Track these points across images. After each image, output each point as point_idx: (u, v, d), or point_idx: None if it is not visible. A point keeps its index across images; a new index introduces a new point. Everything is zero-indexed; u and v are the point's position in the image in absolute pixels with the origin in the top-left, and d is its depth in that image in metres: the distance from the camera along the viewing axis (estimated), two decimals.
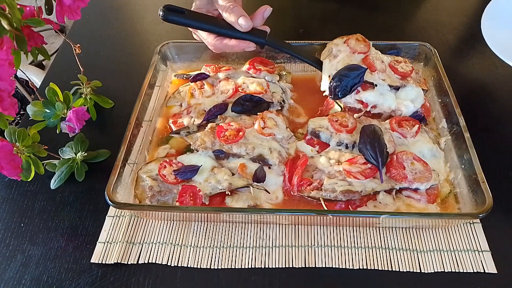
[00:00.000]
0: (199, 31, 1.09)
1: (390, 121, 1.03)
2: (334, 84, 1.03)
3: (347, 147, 1.00)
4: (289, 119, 1.13)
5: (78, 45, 1.10)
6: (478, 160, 0.90)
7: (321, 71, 1.10)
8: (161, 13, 1.01)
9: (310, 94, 1.19)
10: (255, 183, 0.95)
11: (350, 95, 1.04)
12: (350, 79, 1.02)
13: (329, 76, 1.06)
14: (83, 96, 1.15)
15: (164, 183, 0.95)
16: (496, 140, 1.11)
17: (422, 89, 1.08)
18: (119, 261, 0.89)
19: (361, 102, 1.06)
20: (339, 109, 1.09)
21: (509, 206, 0.97)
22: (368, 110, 1.06)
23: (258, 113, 1.06)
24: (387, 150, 0.95)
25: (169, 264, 0.89)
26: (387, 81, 1.06)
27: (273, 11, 1.04)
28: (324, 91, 1.08)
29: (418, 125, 1.01)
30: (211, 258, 0.90)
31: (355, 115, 1.06)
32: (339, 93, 1.03)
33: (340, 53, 1.08)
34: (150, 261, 0.89)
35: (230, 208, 0.92)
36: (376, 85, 1.04)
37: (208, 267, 0.89)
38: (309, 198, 0.94)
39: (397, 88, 1.06)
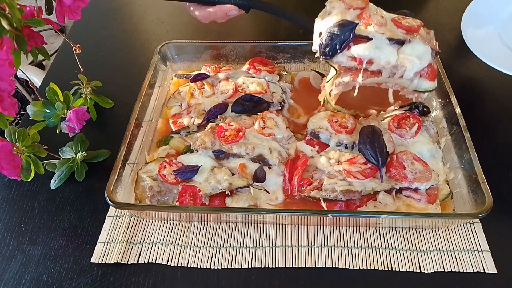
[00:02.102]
0: (187, 4, 1.09)
1: (389, 122, 1.03)
2: (324, 42, 0.96)
3: (346, 148, 1.00)
4: (289, 119, 1.13)
5: (78, 45, 1.10)
6: (478, 160, 0.90)
7: (312, 31, 1.04)
8: None
9: (310, 94, 1.19)
10: (255, 183, 0.95)
11: (342, 53, 0.96)
12: (340, 36, 0.94)
13: (319, 34, 0.99)
14: (83, 96, 1.15)
15: (164, 183, 0.95)
16: (496, 140, 1.11)
17: (432, 49, 0.97)
18: (119, 261, 0.89)
19: (355, 58, 0.97)
20: (334, 72, 1.02)
21: (509, 206, 0.97)
22: (364, 67, 0.97)
23: (258, 113, 1.06)
24: (387, 150, 0.95)
25: (169, 264, 0.89)
26: (386, 34, 0.95)
27: None
28: (316, 52, 1.01)
29: (417, 125, 1.01)
30: (211, 258, 0.90)
31: (358, 79, 0.98)
32: (329, 52, 0.96)
33: (334, 9, 1.00)
34: (150, 261, 0.89)
35: (230, 208, 0.92)
36: (371, 39, 0.95)
37: (208, 267, 0.89)
38: (309, 198, 0.94)
39: (400, 43, 0.96)
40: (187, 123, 1.09)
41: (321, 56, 0.99)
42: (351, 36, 0.93)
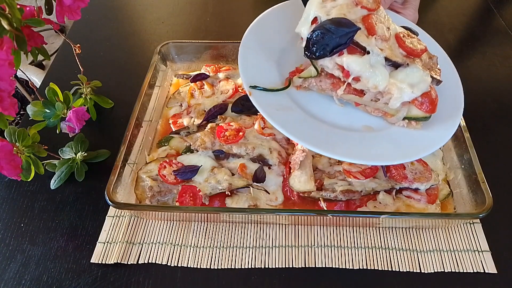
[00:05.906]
0: None
1: None
2: (314, 38, 0.81)
3: None
4: None
5: (78, 45, 1.10)
6: (478, 160, 0.90)
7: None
8: None
9: None
10: (255, 183, 0.95)
11: (331, 57, 0.83)
12: (335, 37, 0.79)
13: (314, 19, 0.84)
14: (83, 96, 1.15)
15: (164, 183, 0.95)
16: (496, 140, 1.11)
17: (433, 78, 0.85)
18: (119, 261, 0.89)
19: (342, 68, 0.84)
20: (315, 73, 0.88)
21: (509, 206, 0.97)
22: (348, 81, 0.84)
23: (258, 113, 1.06)
24: None
25: (169, 264, 0.89)
26: (386, 53, 0.82)
27: None
28: (302, 39, 0.86)
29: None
30: (211, 258, 0.90)
31: (338, 91, 0.86)
32: (317, 52, 0.81)
33: None
34: (150, 261, 0.89)
35: (230, 208, 0.92)
36: (368, 52, 0.81)
37: (208, 267, 0.89)
38: (309, 198, 0.94)
39: (396, 66, 0.84)
40: (187, 123, 1.09)
41: (305, 52, 0.84)
42: (347, 42, 0.80)
